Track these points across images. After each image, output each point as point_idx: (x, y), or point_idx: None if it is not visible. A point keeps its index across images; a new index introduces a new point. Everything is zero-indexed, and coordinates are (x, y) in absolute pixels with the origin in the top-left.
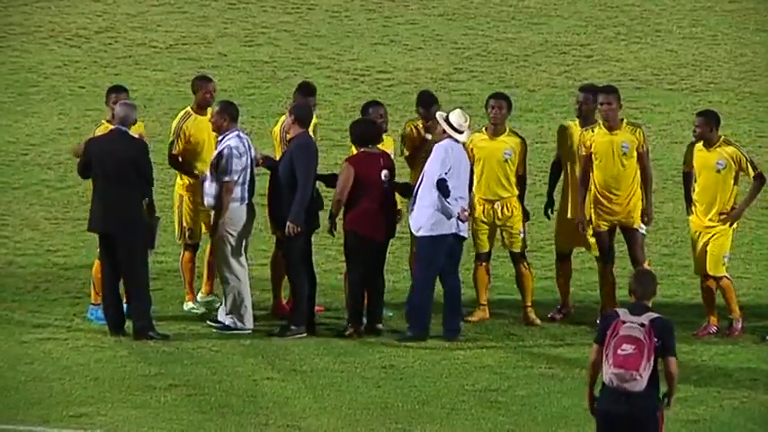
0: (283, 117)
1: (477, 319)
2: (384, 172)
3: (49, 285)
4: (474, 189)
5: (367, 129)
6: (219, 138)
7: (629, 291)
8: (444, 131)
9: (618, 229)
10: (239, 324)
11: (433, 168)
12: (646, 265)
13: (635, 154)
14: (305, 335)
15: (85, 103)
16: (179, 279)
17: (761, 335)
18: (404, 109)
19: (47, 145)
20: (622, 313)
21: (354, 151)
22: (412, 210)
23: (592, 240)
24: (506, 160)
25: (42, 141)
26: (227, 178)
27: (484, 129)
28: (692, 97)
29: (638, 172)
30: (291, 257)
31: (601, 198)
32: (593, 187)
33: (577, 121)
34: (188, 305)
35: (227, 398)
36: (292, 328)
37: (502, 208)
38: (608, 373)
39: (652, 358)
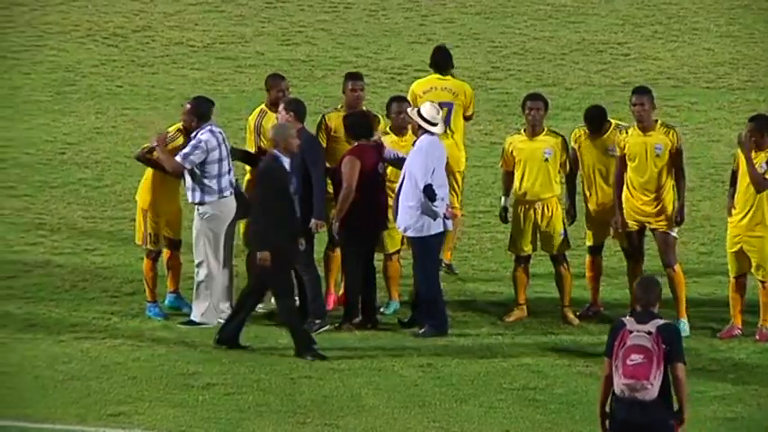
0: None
1: (515, 318)
2: (380, 164)
3: (86, 284)
4: (514, 191)
5: (362, 121)
6: (192, 134)
7: (633, 299)
8: (419, 126)
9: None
10: (202, 319)
11: (416, 169)
12: (677, 268)
13: (668, 155)
14: (327, 327)
15: (123, 102)
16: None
17: None
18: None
19: (84, 144)
20: (629, 322)
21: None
22: (396, 207)
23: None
24: (546, 160)
25: (80, 140)
26: (179, 159)
27: (522, 130)
28: (729, 95)
29: (672, 173)
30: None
31: (633, 198)
32: (625, 187)
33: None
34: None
35: (265, 397)
36: (317, 321)
37: (543, 209)
38: (619, 384)
39: (662, 365)
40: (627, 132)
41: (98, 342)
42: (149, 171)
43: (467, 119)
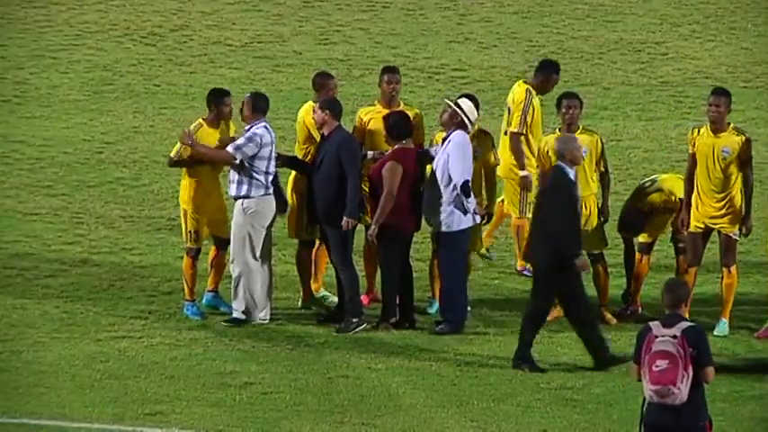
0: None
1: (553, 317)
2: (418, 167)
3: (123, 283)
4: None
5: (403, 122)
6: (246, 127)
7: (662, 302)
8: (458, 118)
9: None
10: (243, 316)
11: (454, 164)
12: (733, 269)
13: (736, 159)
14: (365, 326)
15: (160, 102)
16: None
17: None
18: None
19: (122, 143)
20: (655, 327)
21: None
22: (428, 205)
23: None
24: (582, 158)
25: (117, 139)
26: (231, 149)
27: (558, 129)
28: (767, 95)
29: (739, 177)
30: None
31: (698, 200)
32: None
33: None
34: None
35: (303, 396)
36: (354, 320)
37: (580, 207)
38: (648, 390)
39: (689, 368)
40: (698, 132)
41: (135, 341)
42: (186, 170)
43: None
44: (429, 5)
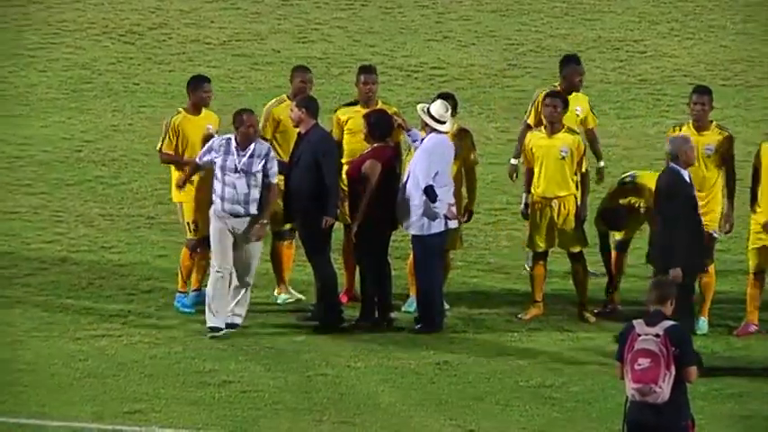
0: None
1: (532, 316)
2: (397, 165)
3: (103, 282)
4: (533, 188)
5: (384, 121)
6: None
7: (646, 300)
8: (427, 124)
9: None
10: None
11: (419, 168)
12: (710, 268)
13: (719, 157)
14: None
15: (139, 100)
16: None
17: None
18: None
19: (101, 141)
20: (638, 325)
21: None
22: (400, 206)
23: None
24: (563, 158)
25: (96, 138)
26: (275, 180)
27: (543, 127)
28: (746, 93)
29: (722, 175)
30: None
31: None
32: None
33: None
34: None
35: (281, 394)
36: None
37: (559, 206)
38: (630, 388)
39: (672, 367)
40: (680, 130)
41: (115, 340)
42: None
43: None
44: (407, 3)
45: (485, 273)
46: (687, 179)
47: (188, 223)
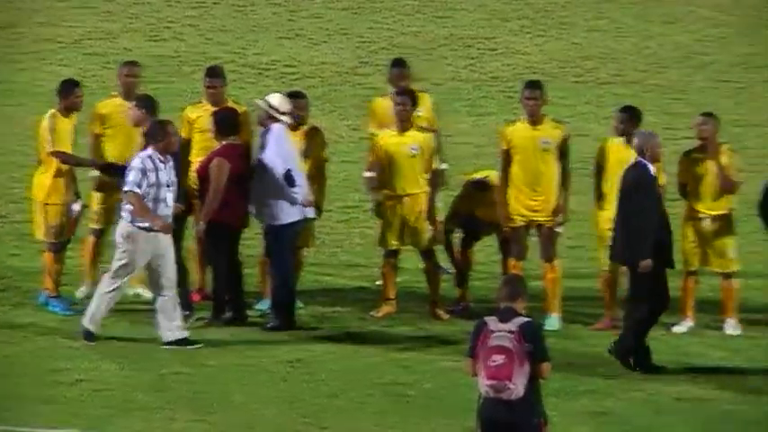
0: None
1: (384, 313)
2: (246, 163)
3: None
4: (385, 186)
5: (229, 119)
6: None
7: (496, 297)
8: (269, 116)
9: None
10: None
11: (277, 155)
12: (555, 264)
13: (556, 151)
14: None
15: None
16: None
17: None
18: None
19: None
20: (491, 322)
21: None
22: (253, 199)
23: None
24: (414, 156)
25: None
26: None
27: (393, 126)
28: (598, 90)
29: (558, 169)
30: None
31: (517, 194)
32: (511, 183)
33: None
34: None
35: (134, 393)
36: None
37: (411, 204)
38: (483, 385)
39: (525, 364)
40: (513, 125)
41: None
42: (52, 165)
43: None
44: (259, 2)
45: (338, 270)
46: (653, 173)
47: (53, 226)
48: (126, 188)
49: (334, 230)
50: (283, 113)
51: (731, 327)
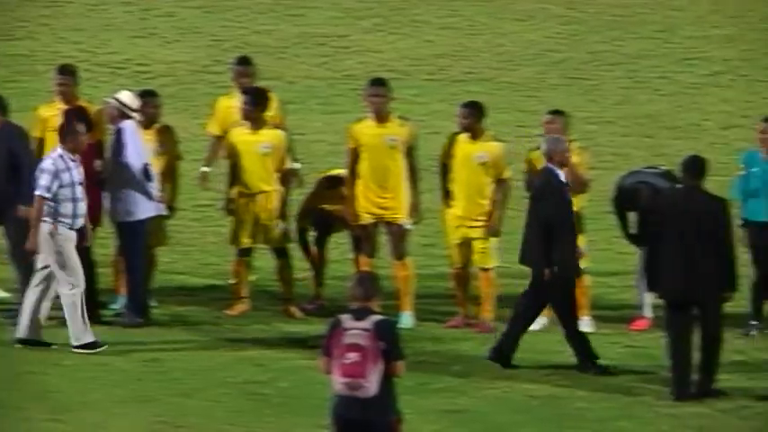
0: None
1: (238, 311)
2: (97, 162)
3: None
4: (237, 183)
5: (80, 117)
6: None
7: (350, 295)
8: (121, 113)
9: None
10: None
11: (131, 150)
12: (407, 261)
13: (402, 148)
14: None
15: None
16: None
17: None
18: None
19: None
20: (345, 320)
21: None
22: (111, 195)
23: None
24: (266, 154)
25: None
26: None
27: (246, 123)
28: (451, 87)
29: (406, 166)
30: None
31: (365, 191)
32: (360, 180)
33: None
34: None
35: None
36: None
37: (263, 201)
38: (338, 383)
39: (379, 362)
40: (360, 123)
41: None
42: None
43: None
44: (112, 1)
45: (191, 269)
46: (562, 179)
47: None
48: (36, 192)
49: (188, 228)
50: (134, 110)
51: (585, 324)
